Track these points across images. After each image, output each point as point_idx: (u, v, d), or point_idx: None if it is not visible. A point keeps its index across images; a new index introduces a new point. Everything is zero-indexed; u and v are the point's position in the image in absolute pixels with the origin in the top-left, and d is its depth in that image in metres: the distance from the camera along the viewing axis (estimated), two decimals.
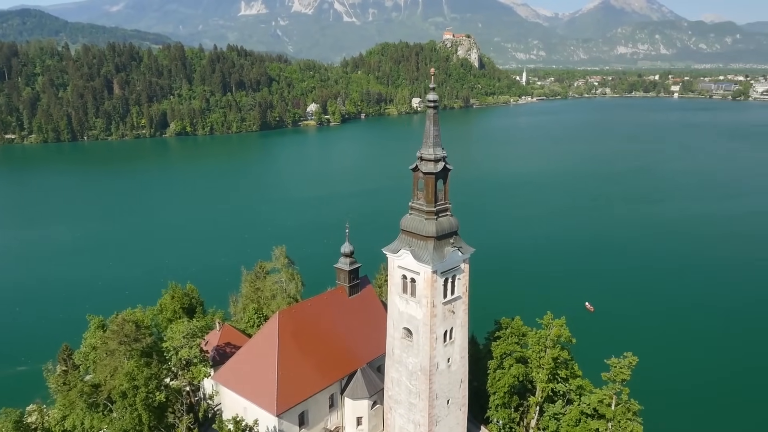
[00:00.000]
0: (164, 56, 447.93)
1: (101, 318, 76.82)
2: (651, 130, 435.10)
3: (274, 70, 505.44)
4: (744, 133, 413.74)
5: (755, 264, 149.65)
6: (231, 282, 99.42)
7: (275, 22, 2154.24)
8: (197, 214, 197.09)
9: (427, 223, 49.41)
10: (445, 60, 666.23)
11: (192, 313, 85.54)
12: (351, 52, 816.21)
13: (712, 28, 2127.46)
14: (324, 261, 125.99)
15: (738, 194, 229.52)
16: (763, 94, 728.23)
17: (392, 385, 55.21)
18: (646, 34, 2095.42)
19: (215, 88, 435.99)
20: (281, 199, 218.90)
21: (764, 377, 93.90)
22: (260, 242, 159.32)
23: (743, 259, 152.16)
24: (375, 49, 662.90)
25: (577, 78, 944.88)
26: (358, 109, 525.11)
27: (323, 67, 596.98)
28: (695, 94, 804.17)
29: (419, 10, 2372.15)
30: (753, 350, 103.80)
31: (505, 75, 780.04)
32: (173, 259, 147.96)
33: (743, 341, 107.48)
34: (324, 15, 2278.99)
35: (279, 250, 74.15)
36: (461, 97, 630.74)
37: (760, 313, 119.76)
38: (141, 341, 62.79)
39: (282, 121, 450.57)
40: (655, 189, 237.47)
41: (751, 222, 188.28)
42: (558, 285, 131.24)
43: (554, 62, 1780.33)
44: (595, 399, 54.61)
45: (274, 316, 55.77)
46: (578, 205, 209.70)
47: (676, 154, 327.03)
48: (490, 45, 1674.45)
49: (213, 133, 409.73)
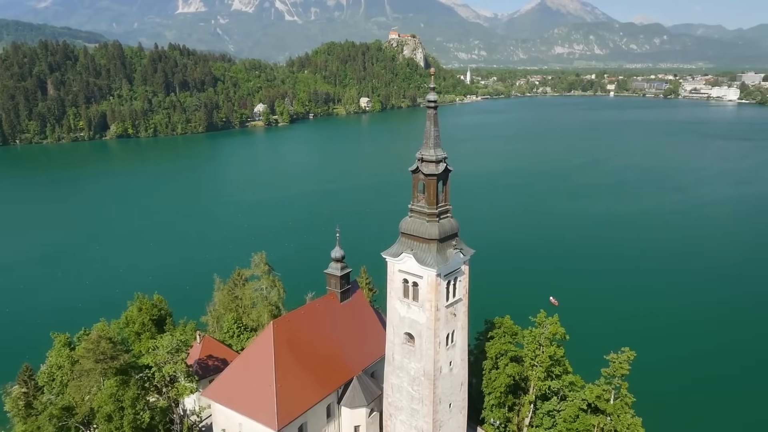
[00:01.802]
0: (101, 55, 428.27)
1: (67, 335, 71.84)
2: (593, 127, 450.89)
3: (219, 70, 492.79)
4: (676, 129, 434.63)
5: (711, 254, 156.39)
6: (200, 291, 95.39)
7: (215, 21, 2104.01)
8: (153, 220, 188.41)
9: (429, 225, 48.51)
10: (391, 60, 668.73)
11: (162, 325, 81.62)
12: (294, 52, 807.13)
13: (641, 30, 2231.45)
14: (299, 264, 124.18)
15: (680, 187, 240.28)
16: (691, 92, 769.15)
17: (392, 392, 54.01)
18: (581, 34, 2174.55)
19: (158, 88, 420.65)
20: (240, 202, 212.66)
21: (727, 362, 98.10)
22: (224, 247, 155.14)
23: (694, 250, 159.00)
24: (321, 49, 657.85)
25: (519, 77, 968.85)
26: (306, 109, 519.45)
27: (269, 67, 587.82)
28: (629, 92, 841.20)
29: (362, 10, 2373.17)
30: (722, 337, 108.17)
31: (450, 74, 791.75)
32: (134, 269, 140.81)
33: (710, 329, 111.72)
34: (265, 14, 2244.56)
35: (259, 256, 71.42)
36: (408, 97, 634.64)
37: (722, 300, 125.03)
38: (118, 359, 59.22)
39: (229, 122, 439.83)
40: (602, 184, 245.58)
41: (697, 213, 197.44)
42: (522, 282, 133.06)
43: (495, 62, 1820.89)
44: (593, 394, 55.22)
45: (268, 326, 53.49)
46: (533, 202, 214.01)
47: (619, 150, 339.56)
48: (433, 45, 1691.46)
49: (157, 135, 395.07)
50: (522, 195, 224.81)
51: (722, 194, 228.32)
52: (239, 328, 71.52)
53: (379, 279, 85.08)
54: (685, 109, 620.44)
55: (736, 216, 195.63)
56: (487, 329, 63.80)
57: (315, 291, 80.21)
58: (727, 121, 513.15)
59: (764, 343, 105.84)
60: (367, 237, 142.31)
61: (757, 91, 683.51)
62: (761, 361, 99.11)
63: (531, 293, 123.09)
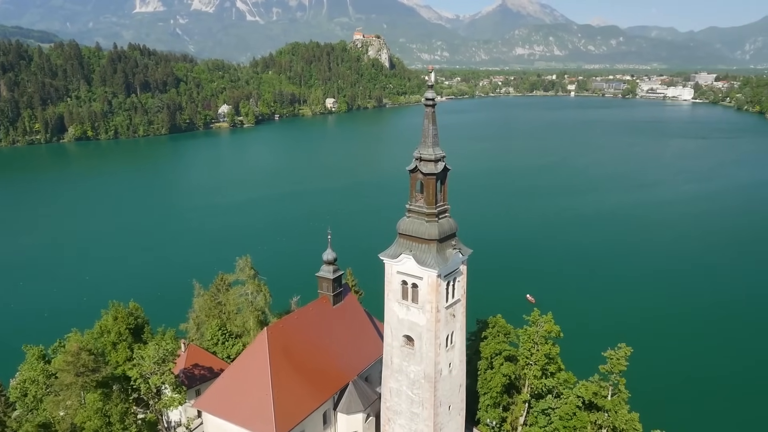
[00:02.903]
0: (57, 55, 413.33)
1: (41, 348, 68.31)
2: (557, 127, 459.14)
3: (181, 71, 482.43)
4: (637, 128, 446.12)
5: (686, 249, 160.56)
6: (177, 297, 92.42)
7: (174, 21, 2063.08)
8: (121, 225, 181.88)
9: (429, 225, 47.66)
10: (356, 60, 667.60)
11: (139, 333, 78.58)
12: (256, 52, 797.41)
13: (598, 31, 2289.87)
14: (279, 267, 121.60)
15: (646, 184, 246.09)
16: (648, 92, 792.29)
17: (391, 396, 52.92)
18: (540, 36, 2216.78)
19: (117, 89, 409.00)
20: (210, 205, 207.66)
21: (712, 355, 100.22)
22: (199, 251, 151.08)
23: (671, 247, 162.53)
24: (285, 49, 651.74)
25: (482, 78, 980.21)
26: (271, 110, 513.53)
27: (233, 67, 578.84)
28: (589, 92, 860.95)
29: (324, 10, 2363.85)
30: (705, 330, 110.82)
31: (415, 75, 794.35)
32: (104, 276, 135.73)
33: (696, 323, 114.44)
34: (226, 13, 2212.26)
35: (244, 260, 69.21)
36: (374, 97, 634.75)
37: (703, 293, 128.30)
38: (101, 371, 56.54)
39: (193, 124, 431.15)
40: (572, 183, 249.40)
41: (666, 210, 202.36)
42: (498, 280, 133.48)
43: (457, 62, 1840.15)
44: (589, 391, 55.33)
45: (262, 333, 51.71)
46: (505, 201, 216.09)
47: (584, 149, 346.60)
48: (396, 46, 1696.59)
49: (118, 137, 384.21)
50: (494, 194, 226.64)
51: (687, 191, 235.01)
52: (224, 335, 69.23)
53: (364, 280, 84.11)
54: (643, 108, 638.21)
55: (704, 212, 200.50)
56: (480, 329, 63.43)
57: (300, 295, 78.78)
58: (684, 120, 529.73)
59: (744, 333, 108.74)
60: (351, 238, 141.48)
61: (710, 91, 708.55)
62: (743, 350, 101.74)
63: (509, 292, 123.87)
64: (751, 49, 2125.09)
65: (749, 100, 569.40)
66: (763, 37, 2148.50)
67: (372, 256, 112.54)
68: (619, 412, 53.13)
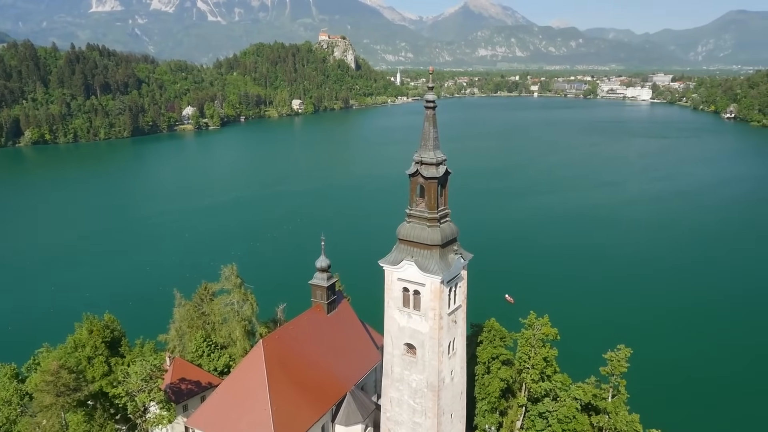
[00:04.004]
0: (11, 56, 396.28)
1: (13, 366, 64.44)
2: (523, 127, 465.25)
3: (143, 72, 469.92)
4: (599, 128, 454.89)
5: (659, 246, 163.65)
6: (154, 307, 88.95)
7: (132, 21, 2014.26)
8: (87, 233, 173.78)
9: (431, 231, 46.50)
10: (322, 61, 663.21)
11: (116, 347, 75.27)
12: (218, 53, 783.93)
13: (558, 33, 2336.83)
14: (260, 275, 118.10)
15: (613, 183, 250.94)
16: (608, 92, 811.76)
17: (391, 406, 51.55)
18: (503, 37, 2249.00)
19: (76, 91, 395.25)
20: (180, 210, 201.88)
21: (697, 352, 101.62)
22: (174, 259, 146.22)
23: (646, 244, 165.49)
24: (250, 50, 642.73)
25: (447, 79, 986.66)
26: (237, 111, 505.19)
27: (196, 68, 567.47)
28: (552, 93, 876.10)
29: (287, 11, 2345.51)
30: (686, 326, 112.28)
31: (381, 76, 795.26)
32: (74, 287, 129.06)
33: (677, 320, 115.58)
34: (187, 14, 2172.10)
35: (229, 268, 66.55)
36: (341, 98, 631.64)
37: (684, 290, 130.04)
38: (82, 390, 53.55)
39: (156, 126, 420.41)
40: (541, 181, 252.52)
41: (635, 208, 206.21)
42: (481, 283, 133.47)
43: (421, 63, 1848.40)
44: (589, 393, 55.12)
45: (258, 345, 49.66)
46: (476, 202, 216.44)
47: (551, 148, 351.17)
48: (360, 47, 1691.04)
49: (77, 141, 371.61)
50: (467, 196, 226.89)
51: (653, 189, 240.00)
52: (209, 346, 66.56)
53: (349, 286, 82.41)
54: (605, 108, 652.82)
55: (676, 210, 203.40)
56: (475, 333, 62.50)
57: (286, 302, 76.67)
58: (644, 120, 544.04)
59: (735, 329, 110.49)
60: (332, 241, 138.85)
61: (667, 92, 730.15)
62: (742, 349, 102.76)
63: (490, 293, 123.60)
64: (704, 50, 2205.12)
65: (704, 100, 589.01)
66: (714, 39, 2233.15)
67: (355, 258, 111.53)
68: (620, 414, 53.03)
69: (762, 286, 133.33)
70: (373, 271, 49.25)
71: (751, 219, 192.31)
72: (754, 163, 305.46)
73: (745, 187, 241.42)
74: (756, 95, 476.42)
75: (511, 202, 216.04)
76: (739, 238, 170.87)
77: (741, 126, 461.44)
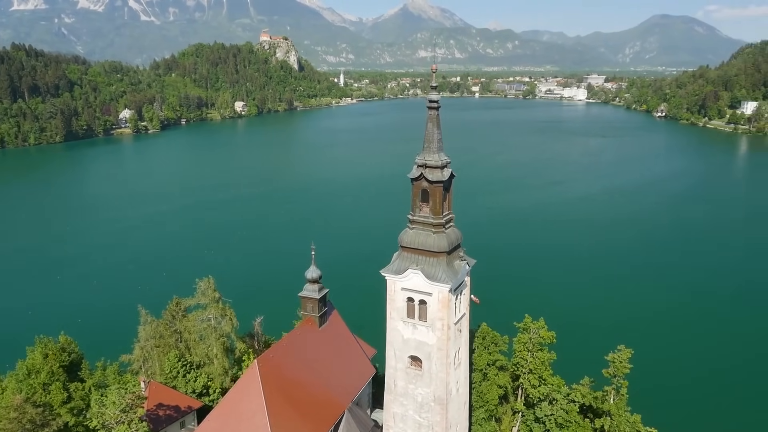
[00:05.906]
0: None
1: None
2: (467, 127, 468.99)
3: (75, 73, 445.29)
4: (540, 127, 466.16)
5: (617, 243, 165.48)
6: (113, 327, 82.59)
7: (58, 20, 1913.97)
8: (25, 247, 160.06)
9: (437, 237, 44.46)
10: (264, 62, 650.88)
11: (75, 371, 69.45)
12: (153, 54, 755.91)
13: (495, 35, 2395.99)
14: (230, 287, 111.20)
15: (556, 182, 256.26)
16: (546, 93, 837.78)
17: (395, 422, 49.11)
18: (442, 39, 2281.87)
19: (2, 94, 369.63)
20: (120, 218, 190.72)
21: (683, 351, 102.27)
22: (128, 272, 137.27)
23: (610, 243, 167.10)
24: (189, 51, 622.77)
25: (390, 80, 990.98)
26: (177, 114, 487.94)
27: (132, 70, 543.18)
28: (493, 93, 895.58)
29: (224, 11, 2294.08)
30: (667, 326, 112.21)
31: (324, 77, 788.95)
32: (20, 308, 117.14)
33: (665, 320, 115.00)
34: (117, 13, 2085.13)
35: (206, 282, 61.89)
36: (285, 100, 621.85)
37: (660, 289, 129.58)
38: (50, 425, 48.32)
39: (91, 130, 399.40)
40: (492, 180, 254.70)
41: (582, 207, 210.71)
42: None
43: (363, 65, 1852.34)
44: (590, 396, 54.49)
45: (252, 365, 46.07)
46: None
47: (497, 148, 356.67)
48: (301, 48, 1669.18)
49: (4, 147, 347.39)
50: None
51: (598, 185, 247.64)
52: (184, 366, 61.83)
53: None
54: (544, 108, 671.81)
55: (625, 207, 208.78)
56: (469, 339, 60.87)
57: (263, 315, 72.77)
58: (581, 119, 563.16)
59: (727, 327, 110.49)
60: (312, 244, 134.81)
61: (601, 92, 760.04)
62: (741, 348, 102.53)
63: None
64: (631, 52, 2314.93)
65: (636, 100, 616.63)
66: (640, 41, 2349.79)
67: (336, 265, 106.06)
68: (623, 416, 52.63)
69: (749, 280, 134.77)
70: (357, 276, 46.72)
71: (717, 214, 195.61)
72: (694, 158, 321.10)
73: (689, 183, 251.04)
74: (684, 95, 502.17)
75: (467, 201, 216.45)
76: (718, 231, 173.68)
77: (672, 124, 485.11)
